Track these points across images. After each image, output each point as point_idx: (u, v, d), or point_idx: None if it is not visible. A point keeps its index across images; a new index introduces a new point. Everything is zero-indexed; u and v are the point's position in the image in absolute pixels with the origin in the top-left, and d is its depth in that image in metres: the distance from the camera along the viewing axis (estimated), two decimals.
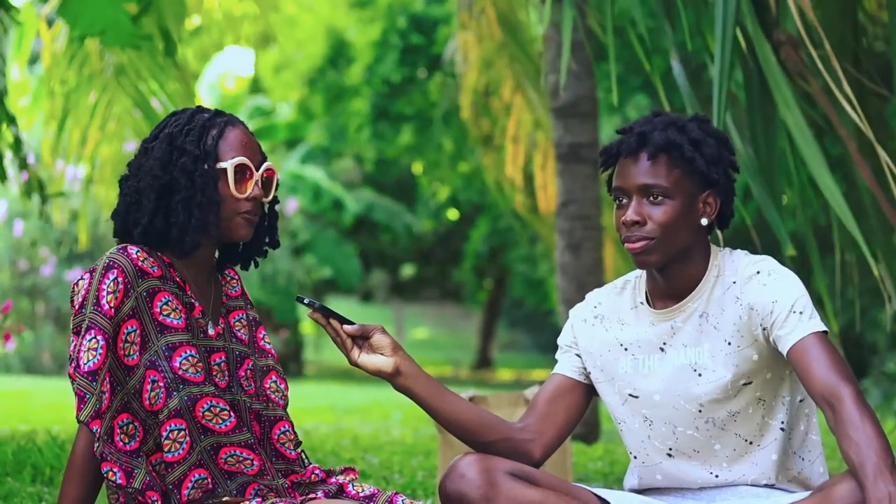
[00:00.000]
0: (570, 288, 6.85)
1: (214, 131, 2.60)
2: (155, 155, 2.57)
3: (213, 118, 2.62)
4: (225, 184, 2.58)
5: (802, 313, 2.61)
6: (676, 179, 2.65)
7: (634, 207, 2.66)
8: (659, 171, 2.65)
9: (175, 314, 2.57)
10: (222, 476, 2.57)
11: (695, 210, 2.68)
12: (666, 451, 2.75)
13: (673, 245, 2.67)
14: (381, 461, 5.72)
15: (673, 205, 2.65)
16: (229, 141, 2.60)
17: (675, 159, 2.65)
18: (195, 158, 2.56)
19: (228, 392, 2.59)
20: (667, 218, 2.65)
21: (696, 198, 2.68)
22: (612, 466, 5.75)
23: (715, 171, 2.67)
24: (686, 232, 2.67)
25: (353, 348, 2.67)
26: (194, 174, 2.55)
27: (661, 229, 2.65)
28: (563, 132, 6.93)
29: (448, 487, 2.61)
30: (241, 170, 2.59)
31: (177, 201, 2.54)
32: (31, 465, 4.48)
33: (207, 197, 2.56)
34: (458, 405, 2.73)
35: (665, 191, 2.64)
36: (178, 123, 2.61)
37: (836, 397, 2.52)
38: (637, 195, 2.67)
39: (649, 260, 2.67)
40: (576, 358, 2.84)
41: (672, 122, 2.69)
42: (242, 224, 2.60)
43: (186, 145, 2.56)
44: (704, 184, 2.68)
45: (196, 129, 2.59)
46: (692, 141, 2.66)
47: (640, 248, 2.66)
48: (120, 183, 2.64)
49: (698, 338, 2.70)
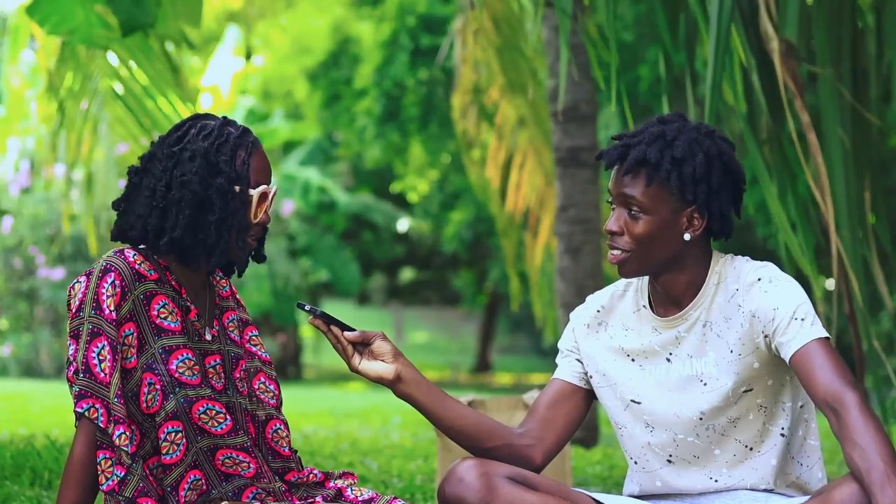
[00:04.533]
0: (570, 291, 6.84)
1: (243, 153, 2.60)
2: (191, 168, 2.55)
3: (242, 136, 2.61)
4: (249, 209, 2.59)
5: (804, 320, 2.61)
6: (653, 196, 2.64)
7: (615, 217, 2.67)
8: (636, 186, 2.64)
9: (171, 317, 2.57)
10: (218, 478, 2.57)
11: (676, 225, 2.66)
12: (666, 458, 2.75)
13: (650, 258, 2.66)
14: (379, 465, 5.72)
15: (649, 220, 2.64)
16: (256, 165, 2.61)
17: (652, 176, 2.64)
18: (230, 180, 2.56)
19: (224, 395, 2.60)
20: (642, 232, 2.64)
21: (679, 213, 2.65)
22: (610, 471, 5.75)
23: (692, 191, 2.63)
24: (665, 247, 2.66)
25: (354, 355, 2.67)
26: (228, 196, 2.56)
27: (635, 243, 2.65)
28: (562, 136, 6.93)
29: (447, 492, 2.60)
30: (262, 197, 2.61)
31: (210, 221, 2.55)
32: (30, 469, 4.48)
33: (239, 221, 2.58)
34: (458, 411, 2.73)
35: (641, 205, 2.64)
36: (209, 136, 2.59)
37: (841, 403, 2.52)
38: (619, 205, 2.67)
39: (626, 270, 2.68)
40: (576, 363, 2.84)
41: (661, 135, 2.66)
42: (248, 246, 2.62)
43: (221, 164, 2.56)
44: (685, 201, 2.66)
45: (228, 146, 2.59)
46: (674, 159, 2.63)
47: (616, 259, 2.68)
48: (130, 175, 2.62)
49: (703, 348, 2.70)
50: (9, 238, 15.12)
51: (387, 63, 17.61)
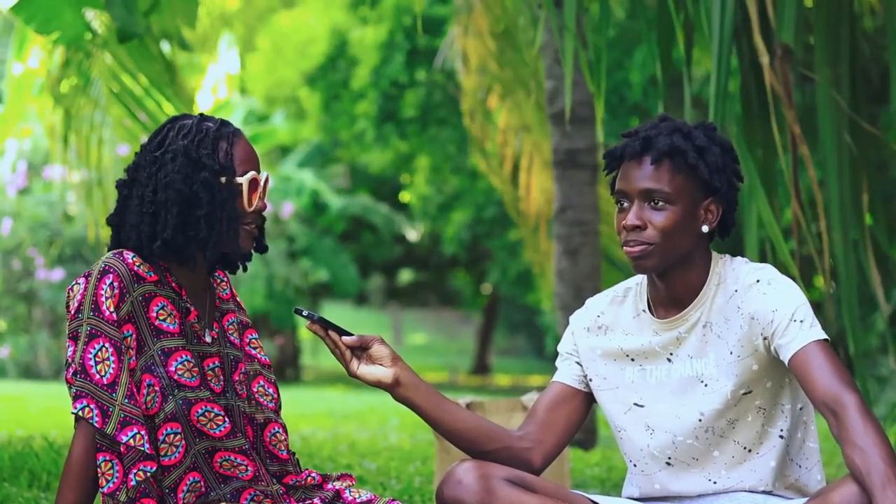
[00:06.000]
0: (568, 293, 6.85)
1: (225, 144, 2.59)
2: (174, 168, 2.55)
3: (221, 129, 2.61)
4: (240, 198, 2.59)
5: (803, 322, 2.61)
6: (679, 185, 2.65)
7: (635, 212, 2.66)
8: (662, 177, 2.65)
9: (170, 319, 2.57)
10: (216, 480, 2.57)
11: (696, 217, 2.67)
12: (665, 460, 2.75)
13: (672, 251, 2.66)
14: (378, 467, 5.72)
15: (674, 211, 2.65)
16: (239, 154, 2.61)
17: (679, 165, 2.64)
18: (214, 173, 2.56)
19: (223, 397, 2.59)
20: (667, 224, 2.64)
21: (698, 205, 2.67)
22: (609, 472, 5.76)
23: (718, 180, 2.66)
24: (686, 238, 2.67)
25: (353, 359, 2.66)
26: (214, 189, 2.56)
27: (660, 235, 2.64)
28: (560, 138, 6.93)
29: (445, 494, 2.60)
30: (253, 184, 2.60)
31: (198, 217, 2.55)
32: (28, 471, 4.47)
33: (228, 213, 2.57)
34: (457, 415, 2.72)
35: (667, 196, 2.64)
36: (188, 134, 2.59)
37: (840, 405, 2.52)
38: (639, 199, 2.66)
39: (647, 265, 2.67)
40: (576, 366, 2.84)
41: (677, 128, 2.68)
42: (247, 236, 2.61)
43: (203, 159, 2.56)
44: (707, 191, 2.67)
45: (208, 140, 2.58)
46: (697, 148, 2.66)
47: (638, 252, 2.65)
48: (119, 188, 2.63)
49: (703, 348, 2.70)
50: (8, 240, 15.11)
51: (384, 63, 17.60)
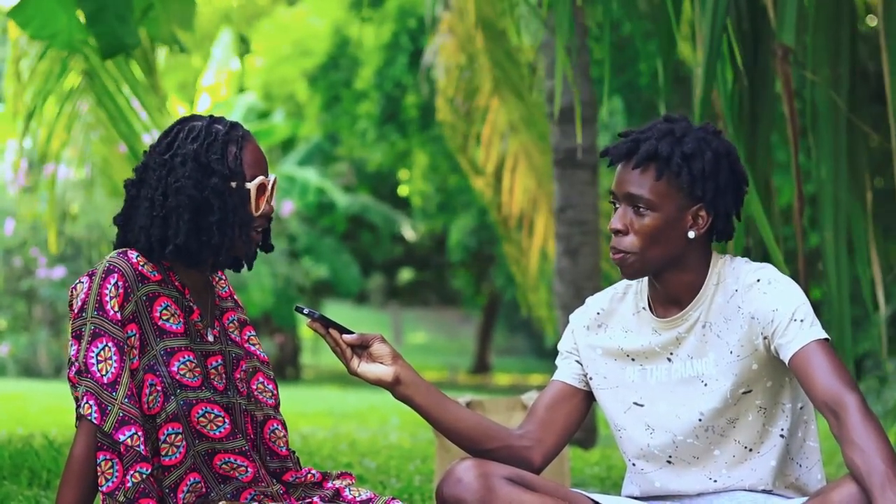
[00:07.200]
0: (568, 293, 6.85)
1: (234, 148, 2.59)
2: (184, 172, 2.55)
3: (231, 132, 2.61)
4: (249, 203, 2.59)
5: (803, 321, 2.61)
6: (661, 192, 2.64)
7: (619, 215, 2.67)
8: (645, 182, 2.64)
9: (174, 319, 2.57)
10: (216, 480, 2.57)
11: (681, 223, 2.66)
12: (665, 459, 2.75)
13: (655, 257, 2.66)
14: (378, 465, 5.73)
15: (656, 217, 2.64)
16: (248, 159, 2.61)
17: (662, 171, 2.64)
18: (224, 178, 2.56)
19: (225, 396, 2.60)
20: (648, 230, 2.64)
21: (685, 211, 2.66)
22: (609, 471, 5.76)
23: (701, 188, 2.64)
24: (669, 245, 2.66)
25: (353, 358, 2.67)
26: (225, 194, 2.56)
27: (640, 241, 2.64)
28: (560, 137, 6.93)
29: (445, 492, 2.61)
30: (261, 189, 2.61)
31: (210, 223, 2.55)
32: (28, 469, 4.48)
33: (239, 218, 2.57)
34: (457, 413, 2.73)
35: (648, 203, 2.63)
36: (197, 137, 2.59)
37: (841, 405, 2.52)
38: (624, 203, 2.67)
39: (628, 272, 2.68)
40: (576, 365, 2.84)
41: (670, 132, 2.67)
42: (253, 239, 2.62)
43: (213, 164, 2.56)
44: (693, 198, 2.66)
45: (217, 144, 2.58)
46: (683, 154, 2.64)
47: (617, 259, 2.68)
48: (126, 188, 2.62)
49: (703, 348, 2.70)
50: (10, 240, 15.11)
51: (387, 65, 17.60)
